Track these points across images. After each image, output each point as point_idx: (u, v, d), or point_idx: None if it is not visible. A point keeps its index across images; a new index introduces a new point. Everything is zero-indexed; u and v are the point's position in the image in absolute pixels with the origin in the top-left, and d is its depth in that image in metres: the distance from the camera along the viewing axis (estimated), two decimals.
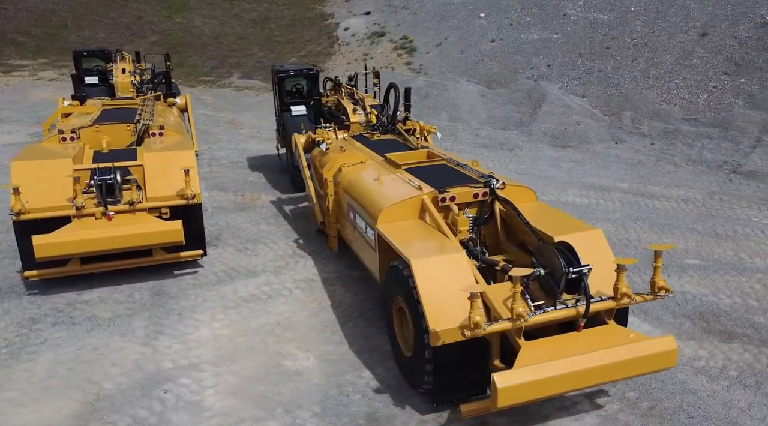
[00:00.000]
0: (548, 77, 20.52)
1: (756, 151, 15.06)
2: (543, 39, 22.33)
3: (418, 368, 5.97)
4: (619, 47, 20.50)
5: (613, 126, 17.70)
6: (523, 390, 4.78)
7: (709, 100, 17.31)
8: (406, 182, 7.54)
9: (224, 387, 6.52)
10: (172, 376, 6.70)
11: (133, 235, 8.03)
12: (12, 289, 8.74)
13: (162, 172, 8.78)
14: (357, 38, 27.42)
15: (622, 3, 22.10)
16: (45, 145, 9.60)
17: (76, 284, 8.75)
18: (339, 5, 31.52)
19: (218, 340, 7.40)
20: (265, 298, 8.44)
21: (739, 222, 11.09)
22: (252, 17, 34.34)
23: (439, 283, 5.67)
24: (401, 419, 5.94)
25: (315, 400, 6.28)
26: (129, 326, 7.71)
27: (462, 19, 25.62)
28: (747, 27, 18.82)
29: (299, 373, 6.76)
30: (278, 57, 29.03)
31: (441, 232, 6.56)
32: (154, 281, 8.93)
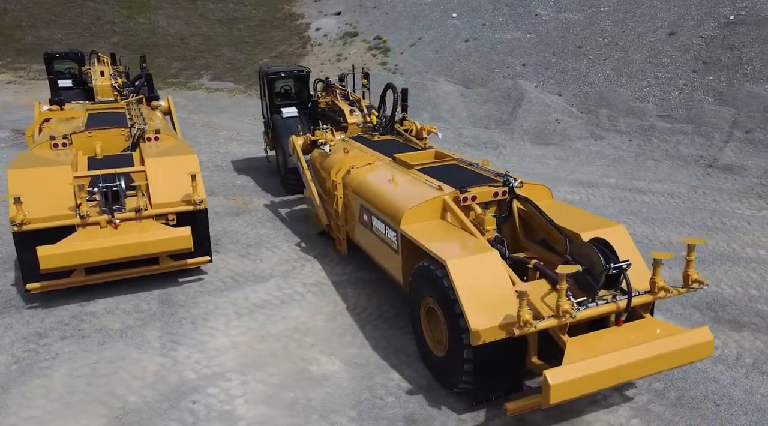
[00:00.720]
0: (524, 76, 20.86)
1: (729, 146, 15.66)
2: (516, 39, 22.68)
3: (453, 368, 6.00)
4: (591, 46, 20.99)
5: (590, 123, 18.12)
6: (575, 386, 4.87)
7: (681, 97, 17.90)
8: (424, 183, 7.56)
9: (253, 395, 6.41)
10: (197, 387, 6.55)
11: (142, 243, 7.81)
12: (9, 302, 8.39)
13: (165, 178, 8.56)
14: (329, 39, 27.28)
15: (592, 3, 22.64)
16: (37, 153, 9.24)
17: (78, 296, 8.46)
18: (309, 5, 31.30)
19: (238, 348, 7.27)
20: (278, 304, 8.33)
21: (725, 214, 11.52)
22: (219, 18, 33.78)
23: (476, 283, 5.72)
24: (439, 420, 5.96)
25: (349, 405, 6.23)
26: (143, 337, 7.50)
27: (435, 19, 25.79)
28: (712, 27, 19.53)
29: (327, 377, 6.70)
30: (248, 58, 28.65)
31: (468, 232, 6.60)
32: (160, 290, 8.71)
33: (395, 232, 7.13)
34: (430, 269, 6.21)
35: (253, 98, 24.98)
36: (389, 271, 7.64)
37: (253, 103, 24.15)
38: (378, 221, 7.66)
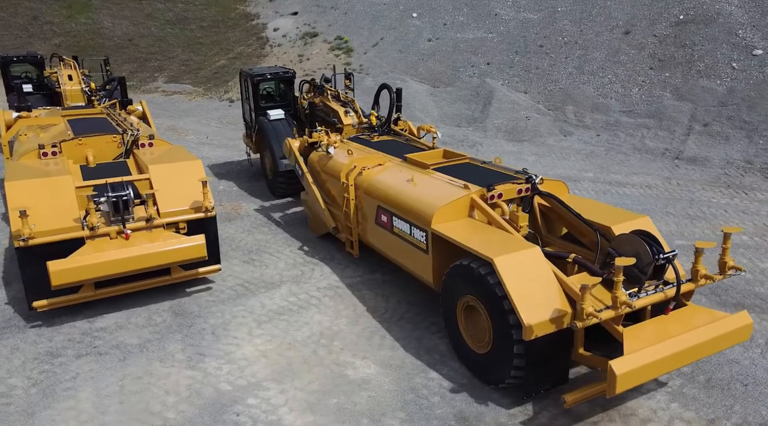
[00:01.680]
0: (489, 75, 21.26)
1: (690, 139, 16.49)
2: (479, 38, 23.09)
3: (499, 364, 6.09)
4: (552, 45, 21.61)
5: (558, 120, 18.67)
6: (638, 374, 5.05)
7: (641, 93, 18.70)
8: (447, 182, 7.63)
9: (296, 403, 6.31)
10: (236, 398, 6.38)
11: (157, 253, 7.53)
12: (9, 322, 7.92)
13: (172, 185, 8.28)
14: (289, 39, 26.95)
15: (549, 3, 23.31)
16: (27, 162, 8.74)
17: (83, 312, 8.08)
18: (264, 5, 30.80)
19: (267, 357, 7.13)
20: (296, 310, 8.21)
21: (703, 203, 12.14)
22: (168, 18, 32.78)
23: (523, 279, 5.83)
24: (490, 416, 6.04)
25: (396, 407, 6.23)
26: (165, 350, 7.24)
27: (395, 19, 25.91)
28: (664, 26, 20.48)
29: (366, 381, 6.67)
30: (204, 60, 27.95)
31: (501, 229, 6.71)
32: (170, 301, 8.43)
33: (424, 232, 7.17)
34: (470, 268, 6.27)
35: (215, 101, 24.43)
36: (415, 271, 7.66)
37: (215, 106, 23.62)
38: (401, 222, 7.67)
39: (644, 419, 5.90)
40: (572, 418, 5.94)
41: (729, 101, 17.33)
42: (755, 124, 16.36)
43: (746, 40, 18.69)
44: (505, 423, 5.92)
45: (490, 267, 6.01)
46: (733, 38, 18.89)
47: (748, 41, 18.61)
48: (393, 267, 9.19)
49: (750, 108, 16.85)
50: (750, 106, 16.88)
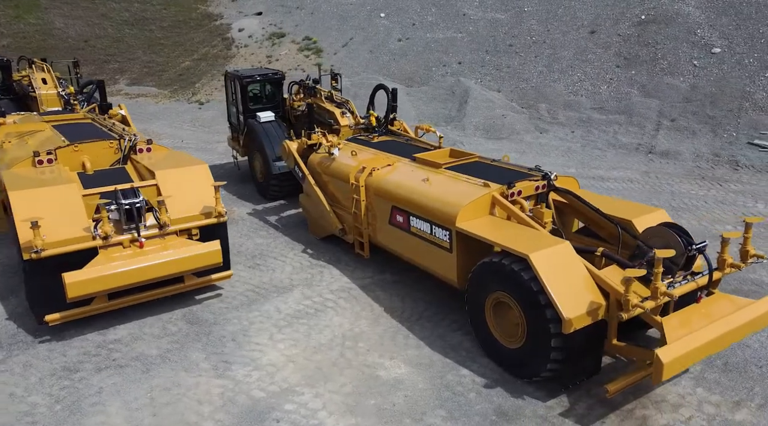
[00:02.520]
0: (461, 74, 21.55)
1: (660, 134, 17.16)
2: (448, 38, 23.36)
3: (535, 358, 6.22)
4: (521, 45, 22.07)
5: (532, 117, 19.10)
6: (682, 361, 5.26)
7: (610, 90, 19.32)
8: (465, 181, 7.73)
9: (334, 406, 6.29)
10: (272, 405, 6.31)
11: (173, 261, 7.35)
12: (14, 338, 7.58)
13: (180, 190, 8.10)
14: (255, 39, 26.58)
15: (516, 3, 23.79)
16: (23, 171, 8.37)
17: (92, 324, 7.81)
18: (226, 5, 30.28)
19: (295, 362, 7.07)
20: (314, 313, 8.16)
21: (684, 195, 12.67)
22: (125, 18, 31.82)
23: (559, 273, 5.99)
24: (529, 409, 6.17)
25: (434, 405, 6.29)
26: (188, 360, 7.08)
27: (363, 19, 25.92)
28: (627, 25, 21.20)
29: (399, 381, 6.70)
30: (168, 61, 27.28)
31: (527, 225, 6.85)
32: (181, 310, 8.24)
33: (447, 230, 7.25)
34: (502, 264, 6.38)
35: (183, 104, 23.88)
36: (436, 271, 7.72)
37: (184, 108, 23.09)
38: (420, 221, 7.72)
39: (675, 405, 6.14)
40: (608, 407, 6.13)
41: (693, 97, 18.10)
42: (718, 118, 17.15)
43: (705, 39, 19.55)
44: (544, 415, 6.07)
45: (524, 263, 6.14)
46: (693, 37, 19.73)
47: (707, 40, 19.48)
48: (402, 267, 9.25)
49: (713, 103, 17.65)
50: (712, 102, 17.68)
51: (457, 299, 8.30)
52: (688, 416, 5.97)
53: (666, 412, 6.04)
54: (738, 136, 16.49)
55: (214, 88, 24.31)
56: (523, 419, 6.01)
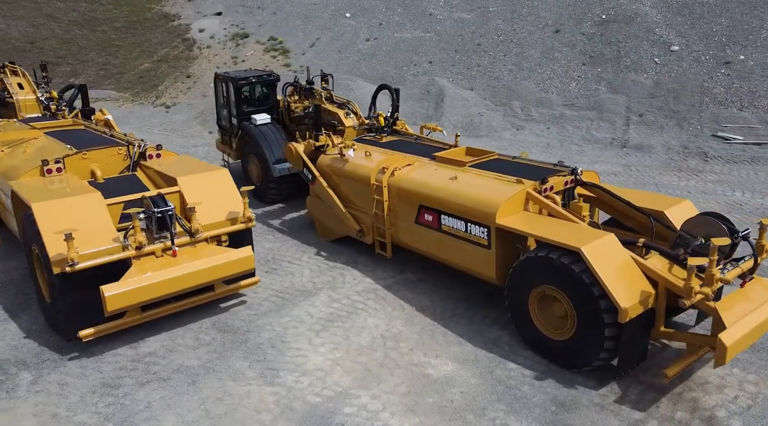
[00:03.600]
0: (432, 73, 21.79)
1: (631, 128, 17.89)
2: (417, 38, 23.56)
3: (586, 348, 6.42)
4: (489, 44, 22.51)
5: (507, 115, 19.54)
6: (741, 343, 5.57)
7: (578, 87, 19.98)
8: (496, 178, 7.87)
9: (394, 407, 6.31)
10: (331, 409, 6.27)
11: (209, 268, 7.17)
12: (39, 356, 7.21)
13: (204, 196, 7.89)
14: (218, 40, 26.00)
15: (481, 3, 24.23)
16: (34, 181, 7.96)
17: (121, 338, 7.52)
18: (182, 5, 29.46)
19: (341, 365, 7.03)
20: (346, 315, 8.13)
21: (668, 187, 13.28)
22: (73, 18, 30.48)
23: (610, 265, 6.21)
24: (585, 397, 6.36)
25: (491, 399, 6.40)
26: (232, 369, 6.92)
27: (328, 19, 25.79)
28: (590, 24, 21.97)
29: (451, 378, 6.78)
30: (125, 63, 26.33)
31: (567, 220, 7.05)
32: (209, 319, 8.05)
33: (486, 227, 7.37)
34: (549, 258, 6.55)
35: (148, 107, 23.11)
36: (472, 268, 7.82)
37: (150, 112, 22.36)
38: (453, 219, 7.81)
39: (719, 386, 6.48)
40: (658, 392, 6.40)
41: (657, 93, 18.95)
42: (682, 113, 18.03)
43: (663, 37, 20.50)
44: (600, 403, 6.28)
45: (574, 256, 6.33)
46: (652, 36, 20.64)
47: (665, 38, 20.42)
48: (423, 265, 9.32)
49: (676, 98, 18.54)
50: (675, 97, 18.57)
51: (485, 295, 8.46)
52: (734, 396, 6.31)
53: (712, 393, 6.36)
54: (702, 129, 17.40)
55: (180, 91, 23.65)
56: (581, 408, 6.20)
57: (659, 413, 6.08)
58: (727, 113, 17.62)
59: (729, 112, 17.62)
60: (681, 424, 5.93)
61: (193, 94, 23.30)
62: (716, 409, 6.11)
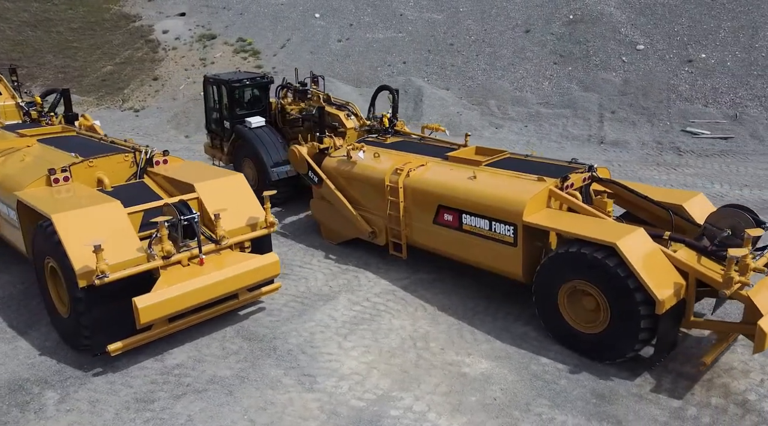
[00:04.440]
0: (407, 73, 21.89)
1: (605, 125, 18.45)
2: (389, 38, 23.61)
3: (621, 340, 6.60)
4: (461, 44, 22.78)
5: (485, 113, 19.82)
6: None
7: (551, 86, 20.46)
8: (516, 177, 7.99)
9: (439, 407, 6.34)
10: (377, 412, 6.25)
11: (238, 276, 7.03)
12: (60, 375, 6.91)
13: (223, 202, 7.72)
14: (184, 42, 25.38)
15: (451, 4, 24.49)
16: (42, 192, 7.60)
17: (144, 351, 7.28)
18: (142, 5, 28.61)
19: (377, 368, 7.01)
20: (370, 318, 8.10)
21: (650, 180, 13.76)
22: (24, 19, 29.17)
23: (644, 258, 6.41)
24: (622, 388, 6.54)
25: (533, 395, 6.50)
26: (268, 377, 6.81)
27: (297, 19, 25.55)
28: (558, 24, 22.51)
29: (488, 376, 6.86)
30: (85, 65, 25.40)
31: (593, 215, 7.23)
32: (231, 327, 7.89)
33: (512, 225, 7.47)
34: (582, 254, 6.70)
35: (115, 111, 22.37)
36: (497, 266, 7.90)
37: (119, 116, 21.64)
38: (476, 219, 7.88)
39: (744, 371, 6.77)
40: (690, 380, 6.64)
41: (627, 91, 19.59)
42: (652, 109, 18.71)
43: (629, 36, 21.20)
44: (638, 393, 6.47)
45: (608, 250, 6.51)
46: (618, 35, 21.32)
47: (631, 38, 21.13)
48: (435, 265, 9.37)
49: (645, 96, 19.21)
50: (644, 94, 19.24)
51: (503, 292, 8.58)
52: (760, 380, 6.61)
53: (740, 378, 6.64)
54: (672, 125, 18.08)
55: (147, 95, 22.98)
56: (621, 399, 6.38)
57: (696, 400, 6.32)
58: (693, 109, 18.37)
59: (695, 108, 18.37)
60: (718, 409, 6.18)
61: (162, 97, 22.69)
62: (747, 393, 6.39)
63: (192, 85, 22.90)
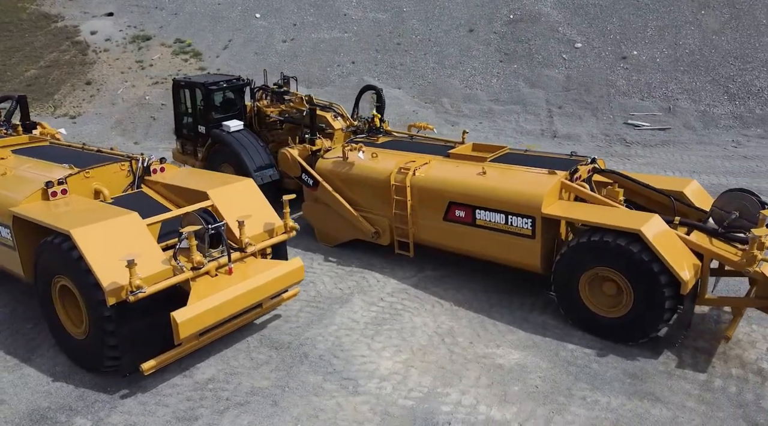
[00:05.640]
0: (358, 73, 21.89)
1: (554, 120, 19.27)
2: (335, 38, 23.50)
3: (644, 322, 6.99)
4: (408, 43, 23.03)
5: (439, 111, 20.17)
6: None
7: (499, 83, 21.11)
8: (526, 171, 8.24)
9: (488, 399, 6.46)
10: (430, 409, 6.29)
11: (268, 283, 6.84)
12: (84, 400, 6.49)
13: (237, 208, 7.49)
14: (116, 43, 24.08)
15: (395, 3, 24.68)
16: (45, 206, 7.06)
17: (168, 369, 6.91)
18: (64, 5, 26.86)
19: (415, 366, 7.04)
20: (390, 318, 8.11)
21: None
22: None
23: (665, 243, 6.82)
24: (650, 367, 6.92)
25: (572, 380, 6.75)
26: (309, 385, 6.68)
27: (237, 20, 24.90)
28: (500, 24, 23.22)
29: (523, 365, 7.05)
30: (5, 69, 23.56)
31: (606, 205, 7.59)
32: (252, 337, 7.68)
33: (530, 218, 7.70)
34: (605, 242, 7.03)
35: (48, 118, 20.83)
36: (513, 259, 8.11)
37: (53, 124, 20.14)
38: (490, 213, 8.06)
39: (750, 342, 7.34)
40: (706, 354, 7.12)
41: (570, 86, 20.54)
42: (594, 104, 19.72)
43: (567, 35, 22.22)
44: (665, 371, 6.86)
45: (631, 237, 6.87)
46: (557, 34, 22.30)
47: (569, 36, 22.16)
48: (439, 262, 9.48)
49: (587, 91, 20.22)
50: (586, 90, 20.25)
51: (511, 284, 8.81)
52: (766, 349, 7.19)
53: (749, 349, 7.20)
54: (615, 118, 19.14)
55: (82, 100, 21.63)
56: (653, 377, 6.75)
57: (718, 372, 6.79)
58: (632, 103, 19.52)
59: (633, 102, 19.53)
60: (740, 379, 6.68)
61: (100, 102, 21.45)
62: (759, 362, 6.94)
63: (131, 88, 21.81)
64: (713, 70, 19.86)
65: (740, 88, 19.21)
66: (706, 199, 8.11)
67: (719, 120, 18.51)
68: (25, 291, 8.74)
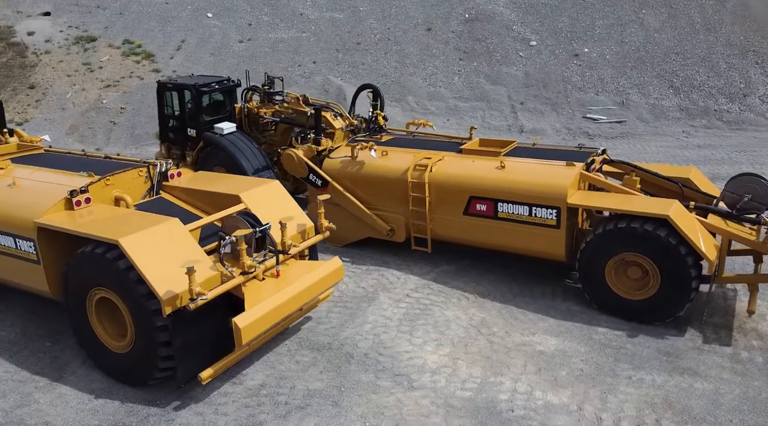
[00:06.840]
0: (319, 73, 21.75)
1: (518, 115, 19.88)
2: (294, 38, 23.24)
3: (670, 304, 7.42)
4: (368, 43, 23.08)
5: (405, 109, 20.35)
6: None
7: (461, 81, 21.53)
8: (541, 164, 8.51)
9: (540, 385, 6.67)
10: (489, 399, 6.44)
11: (314, 284, 6.77)
12: (134, 415, 6.23)
13: (270, 210, 7.35)
14: (58, 44, 22.78)
15: (351, 3, 24.66)
16: (71, 216, 6.69)
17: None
18: None
19: (461, 358, 7.17)
20: (419, 313, 8.19)
21: None
22: None
23: (689, 227, 7.25)
24: (680, 344, 7.34)
25: (613, 360, 7.06)
26: (364, 384, 6.68)
27: (188, 19, 24.15)
28: (456, 23, 23.67)
29: (562, 350, 7.31)
30: None
31: (626, 193, 7.97)
32: (289, 340, 7.60)
33: (555, 209, 7.98)
34: (632, 228, 7.40)
35: None
36: (537, 248, 8.36)
37: None
38: (513, 206, 8.29)
39: (761, 314, 7.90)
40: (725, 328, 7.63)
41: (529, 83, 21.22)
42: (554, 99, 20.49)
43: (521, 34, 22.95)
44: (695, 346, 7.30)
45: (657, 222, 7.27)
46: (512, 33, 22.99)
47: (523, 35, 22.90)
48: (453, 256, 9.63)
49: (545, 87, 20.98)
50: (545, 86, 21.01)
51: (527, 273, 9.09)
52: None
53: (761, 322, 7.77)
54: (574, 113, 19.97)
55: (27, 105, 20.36)
56: (685, 353, 7.17)
57: (741, 345, 7.29)
58: (588, 98, 20.41)
59: (589, 97, 20.43)
60: (762, 349, 7.20)
61: (47, 107, 20.26)
62: None
63: (81, 92, 20.74)
64: (658, 65, 21.04)
65: (683, 82, 20.46)
66: (708, 184, 8.67)
67: (668, 112, 19.65)
68: (29, 307, 8.24)
